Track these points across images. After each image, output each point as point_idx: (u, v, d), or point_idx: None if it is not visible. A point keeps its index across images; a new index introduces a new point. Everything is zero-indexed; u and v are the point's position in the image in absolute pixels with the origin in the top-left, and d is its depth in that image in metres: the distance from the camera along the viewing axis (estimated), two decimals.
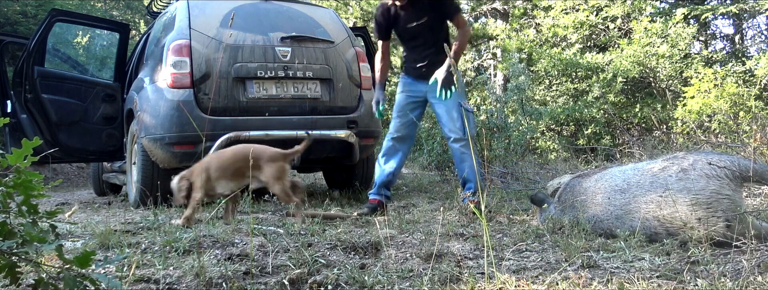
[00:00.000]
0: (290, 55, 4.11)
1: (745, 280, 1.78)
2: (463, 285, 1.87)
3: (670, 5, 11.16)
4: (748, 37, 12.54)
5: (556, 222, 2.79)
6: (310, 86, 4.16)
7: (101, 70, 6.26)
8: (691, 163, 2.42)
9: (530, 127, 7.34)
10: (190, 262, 2.12)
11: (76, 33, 6.69)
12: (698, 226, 2.27)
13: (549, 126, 9.26)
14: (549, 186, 3.26)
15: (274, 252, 2.31)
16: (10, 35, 6.00)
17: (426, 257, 2.22)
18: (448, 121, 3.55)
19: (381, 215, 3.35)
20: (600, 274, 1.98)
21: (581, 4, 10.52)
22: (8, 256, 1.52)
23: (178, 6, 4.25)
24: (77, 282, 1.51)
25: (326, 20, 4.50)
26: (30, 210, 1.58)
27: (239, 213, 3.62)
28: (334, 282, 1.91)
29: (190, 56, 3.88)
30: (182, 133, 3.83)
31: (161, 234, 2.70)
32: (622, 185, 2.59)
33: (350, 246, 2.44)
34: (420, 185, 5.45)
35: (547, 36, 10.93)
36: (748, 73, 8.57)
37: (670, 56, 8.86)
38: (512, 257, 2.27)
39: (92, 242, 2.56)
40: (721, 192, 2.29)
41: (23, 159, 1.55)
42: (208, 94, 3.88)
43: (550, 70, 9.52)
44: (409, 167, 7.79)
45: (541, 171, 5.47)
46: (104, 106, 5.05)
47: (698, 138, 5.55)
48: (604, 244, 2.40)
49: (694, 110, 7.41)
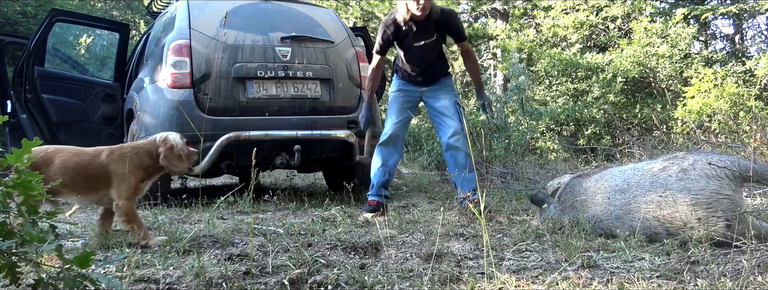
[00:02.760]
0: (290, 55, 4.11)
1: (745, 280, 1.78)
2: (463, 285, 1.87)
3: (670, 5, 11.16)
4: (748, 37, 12.54)
5: (556, 222, 2.79)
6: (310, 86, 4.16)
7: (101, 70, 6.26)
8: (691, 163, 2.42)
9: (530, 127, 7.33)
10: (190, 262, 2.12)
11: (76, 33, 6.69)
12: (698, 226, 2.27)
13: (549, 126, 9.26)
14: (549, 186, 3.26)
15: (274, 252, 2.31)
16: (10, 35, 6.01)
17: (426, 257, 2.22)
18: (450, 116, 3.61)
19: (381, 215, 3.35)
20: (600, 274, 1.98)
21: (581, 4, 10.52)
22: (8, 256, 1.52)
23: (178, 6, 4.25)
24: (77, 282, 1.51)
25: (326, 20, 4.49)
26: (30, 211, 1.58)
27: (239, 213, 3.62)
28: (334, 282, 1.91)
29: (190, 56, 3.88)
30: (182, 133, 3.82)
31: (161, 234, 2.70)
32: (622, 185, 2.59)
33: (350, 246, 2.44)
34: (420, 185, 5.45)
35: (547, 36, 10.93)
36: (748, 73, 8.57)
37: (670, 56, 8.86)
38: (512, 257, 2.27)
39: (92, 242, 2.56)
40: (721, 192, 2.29)
41: (23, 159, 1.55)
42: (208, 93, 3.88)
43: (550, 70, 9.51)
44: (409, 167, 7.79)
45: (541, 171, 5.47)
46: (104, 106, 5.05)
47: (698, 138, 5.55)
48: (604, 244, 2.40)
49: (694, 110, 7.40)
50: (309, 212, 3.58)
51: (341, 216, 3.32)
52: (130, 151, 2.49)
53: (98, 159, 2.46)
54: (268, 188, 4.88)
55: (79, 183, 2.42)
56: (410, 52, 3.65)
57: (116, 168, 2.43)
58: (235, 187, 5.14)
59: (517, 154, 6.02)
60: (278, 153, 3.99)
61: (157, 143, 2.51)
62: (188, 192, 5.32)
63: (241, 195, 3.78)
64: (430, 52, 3.65)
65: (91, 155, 2.48)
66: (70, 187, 2.40)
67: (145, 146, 2.52)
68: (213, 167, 3.98)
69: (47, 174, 2.34)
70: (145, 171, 2.50)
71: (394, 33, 3.58)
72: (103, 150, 2.50)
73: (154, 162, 2.49)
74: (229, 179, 7.71)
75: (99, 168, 2.44)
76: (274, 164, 4.00)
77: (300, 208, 3.78)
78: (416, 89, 3.73)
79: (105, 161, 2.45)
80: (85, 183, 2.43)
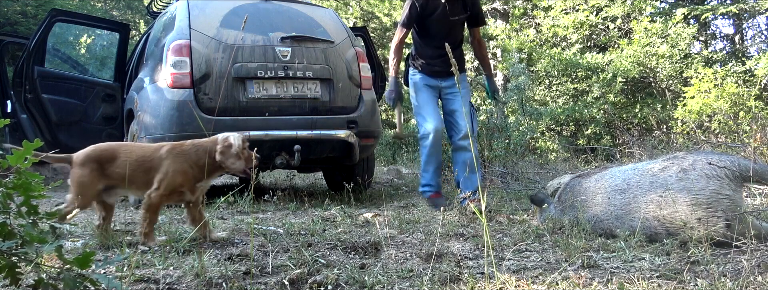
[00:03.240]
0: (290, 55, 4.11)
1: (745, 280, 1.78)
2: (463, 285, 1.87)
3: (670, 5, 11.16)
4: (748, 37, 12.54)
5: (556, 222, 2.79)
6: (310, 86, 4.16)
7: (101, 70, 6.26)
8: (691, 163, 2.42)
9: (530, 127, 7.34)
10: (190, 262, 2.12)
11: (76, 33, 6.69)
12: (698, 226, 2.27)
13: (549, 126, 9.26)
14: (549, 186, 3.26)
15: (274, 252, 2.31)
16: (10, 35, 6.01)
17: (426, 257, 2.22)
18: (461, 118, 3.66)
19: (378, 217, 3.35)
20: (600, 274, 1.98)
21: (581, 4, 10.52)
22: (8, 257, 1.52)
23: (178, 6, 4.25)
24: (77, 282, 1.51)
25: (326, 20, 4.49)
26: (30, 211, 1.58)
27: (239, 213, 3.63)
28: (334, 282, 1.91)
29: (190, 56, 3.88)
30: (182, 133, 3.82)
31: (161, 234, 2.71)
32: (622, 185, 2.59)
33: (350, 246, 2.44)
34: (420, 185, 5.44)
35: (547, 36, 10.93)
36: (748, 73, 8.57)
37: (670, 56, 8.86)
38: (512, 257, 2.27)
39: (92, 242, 2.56)
40: (721, 192, 2.29)
41: (23, 160, 1.55)
42: (208, 93, 3.88)
43: (550, 70, 9.52)
44: (409, 167, 7.79)
45: (541, 171, 5.47)
46: (104, 106, 5.05)
47: (698, 138, 5.55)
48: (604, 244, 2.40)
49: (694, 110, 7.40)
50: (309, 212, 3.58)
51: (341, 216, 3.32)
52: (190, 148, 2.52)
53: (158, 154, 2.50)
54: (268, 188, 4.88)
55: (140, 177, 2.48)
56: (437, 31, 3.65)
57: (169, 163, 2.46)
58: (235, 187, 5.14)
59: (517, 154, 6.02)
60: (278, 153, 3.99)
61: (217, 141, 2.53)
62: None
63: (241, 195, 3.78)
64: (457, 33, 3.70)
65: (152, 150, 2.54)
66: (131, 181, 2.47)
67: (205, 144, 2.54)
68: None
69: (112, 168, 2.44)
70: (201, 170, 2.50)
71: (423, 5, 3.57)
72: (164, 146, 2.55)
73: (213, 161, 2.50)
74: (229, 179, 7.71)
75: (157, 163, 2.48)
76: (274, 164, 4.00)
77: (300, 208, 3.78)
78: (437, 83, 3.74)
79: (164, 155, 2.49)
80: (144, 177, 2.48)
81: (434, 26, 3.63)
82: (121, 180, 2.46)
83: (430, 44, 3.68)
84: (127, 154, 2.50)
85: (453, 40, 3.68)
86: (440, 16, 3.58)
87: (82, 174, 2.45)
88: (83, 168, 2.46)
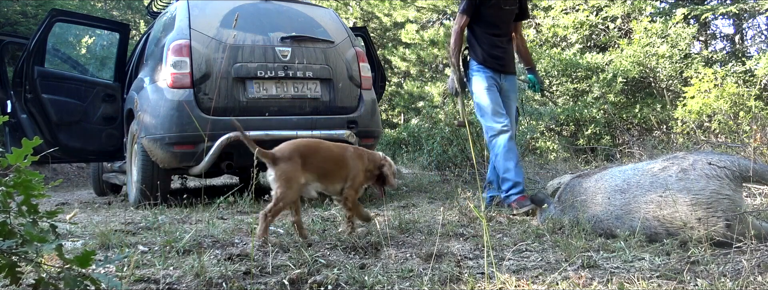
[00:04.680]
0: (290, 55, 4.11)
1: (745, 280, 1.77)
2: (463, 285, 1.87)
3: (670, 5, 11.16)
4: (748, 37, 12.54)
5: (556, 222, 2.79)
6: (310, 86, 4.16)
7: (101, 70, 6.26)
8: (691, 163, 2.42)
9: (530, 127, 7.33)
10: (190, 262, 2.12)
11: (76, 33, 6.69)
12: (698, 226, 2.27)
13: (549, 126, 9.26)
14: (549, 186, 3.26)
15: (274, 252, 2.31)
16: (10, 35, 6.00)
17: (426, 257, 2.22)
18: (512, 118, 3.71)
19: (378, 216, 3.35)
20: (600, 274, 1.98)
21: (581, 4, 10.52)
22: (8, 256, 1.52)
23: (178, 6, 4.25)
24: (77, 281, 1.51)
25: (326, 20, 4.50)
26: (30, 210, 1.58)
27: (239, 214, 3.62)
28: (334, 282, 1.91)
29: (190, 56, 3.89)
30: (182, 132, 3.83)
31: (161, 234, 2.71)
32: (622, 185, 2.59)
33: (350, 246, 2.44)
34: (420, 185, 5.45)
35: (547, 36, 10.93)
36: (748, 73, 8.56)
37: (670, 56, 8.86)
38: (512, 257, 2.27)
39: (92, 242, 2.56)
40: (721, 192, 2.29)
41: (23, 159, 1.55)
42: (208, 93, 3.88)
43: (550, 70, 9.51)
44: (409, 167, 7.79)
45: (541, 171, 5.47)
46: (104, 106, 5.05)
47: (698, 138, 5.55)
48: (604, 244, 2.40)
49: (694, 110, 7.40)
50: (309, 212, 3.58)
51: (341, 216, 3.31)
52: (367, 155, 2.77)
53: (346, 153, 2.71)
54: (268, 188, 4.88)
55: (333, 172, 2.66)
56: (493, 20, 3.66)
57: (354, 164, 2.70)
58: (235, 187, 5.14)
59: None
60: None
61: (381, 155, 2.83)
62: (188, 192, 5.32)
63: (241, 195, 3.78)
64: (508, 25, 3.73)
65: (342, 149, 2.74)
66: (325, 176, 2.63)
67: (373, 155, 2.81)
68: (213, 167, 3.98)
69: (313, 162, 2.58)
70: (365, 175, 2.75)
71: None
72: (349, 147, 2.77)
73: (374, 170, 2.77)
74: (229, 179, 7.71)
75: (345, 162, 2.69)
76: None
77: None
78: (498, 78, 3.71)
79: (350, 156, 2.71)
80: (337, 173, 2.66)
81: (489, 15, 3.64)
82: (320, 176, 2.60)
83: (487, 33, 3.68)
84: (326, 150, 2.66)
85: (506, 30, 3.72)
86: (495, 4, 3.61)
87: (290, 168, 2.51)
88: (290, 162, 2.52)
